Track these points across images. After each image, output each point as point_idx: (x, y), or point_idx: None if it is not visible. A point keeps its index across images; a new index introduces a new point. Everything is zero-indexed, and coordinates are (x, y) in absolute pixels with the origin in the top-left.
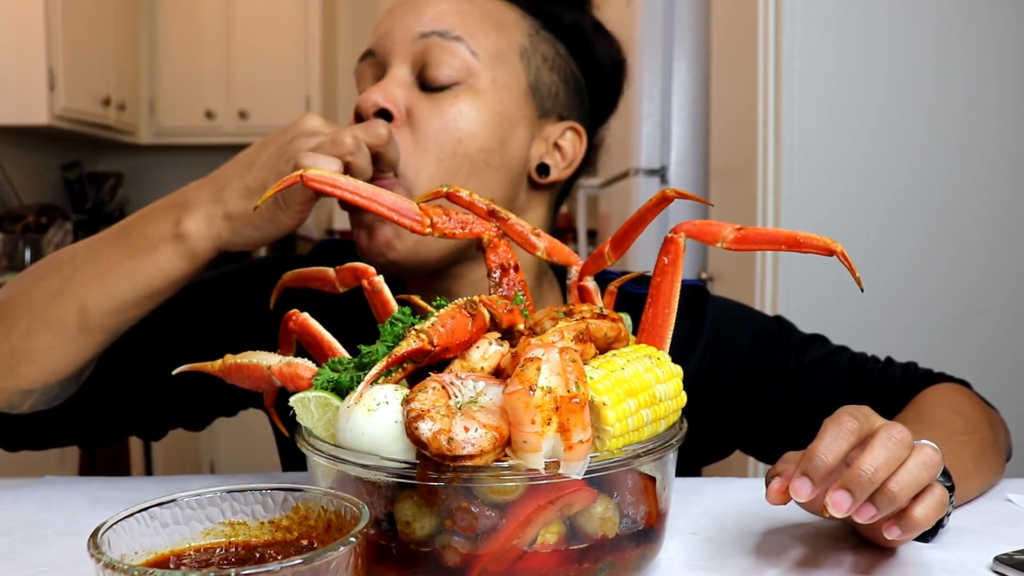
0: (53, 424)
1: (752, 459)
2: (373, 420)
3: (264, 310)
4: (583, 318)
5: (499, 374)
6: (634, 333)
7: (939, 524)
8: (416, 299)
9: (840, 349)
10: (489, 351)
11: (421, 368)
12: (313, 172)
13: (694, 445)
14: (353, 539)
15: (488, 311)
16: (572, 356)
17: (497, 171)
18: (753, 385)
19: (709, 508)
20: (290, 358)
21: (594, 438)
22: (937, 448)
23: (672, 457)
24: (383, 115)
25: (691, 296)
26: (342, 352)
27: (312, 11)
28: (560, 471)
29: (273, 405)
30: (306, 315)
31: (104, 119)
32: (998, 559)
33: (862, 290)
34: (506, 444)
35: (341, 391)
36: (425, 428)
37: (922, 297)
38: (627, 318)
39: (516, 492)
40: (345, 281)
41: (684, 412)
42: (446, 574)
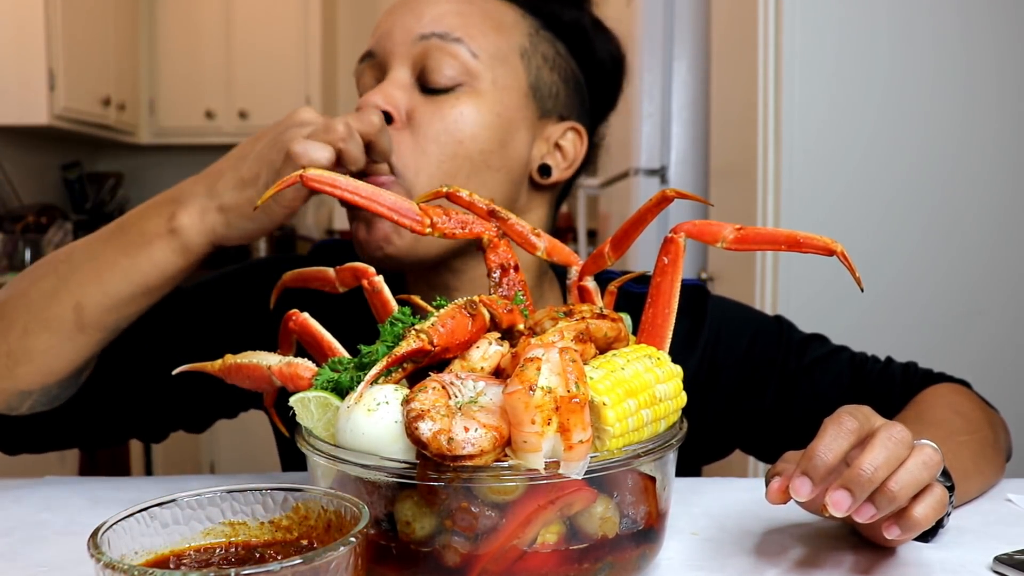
0: (53, 426)
1: (752, 459)
2: (373, 420)
3: (264, 310)
4: (583, 318)
5: (499, 374)
6: (634, 333)
7: (939, 524)
8: (416, 299)
9: (840, 349)
10: (489, 351)
11: (421, 368)
12: (313, 172)
13: (694, 445)
14: (353, 539)
15: (488, 311)
16: (572, 356)
17: (498, 172)
18: (753, 385)
19: (709, 508)
20: (290, 358)
21: (594, 438)
22: (937, 448)
23: (672, 457)
24: (384, 118)
25: (691, 296)
26: (342, 352)
27: (312, 11)
28: (560, 471)
29: (273, 405)
30: (306, 315)
31: (104, 119)
32: (998, 559)
33: (862, 290)
34: (506, 444)
35: (341, 391)
36: (425, 428)
37: (922, 297)
38: (627, 318)
39: (516, 492)
40: (345, 281)
41: (684, 412)
42: (446, 574)
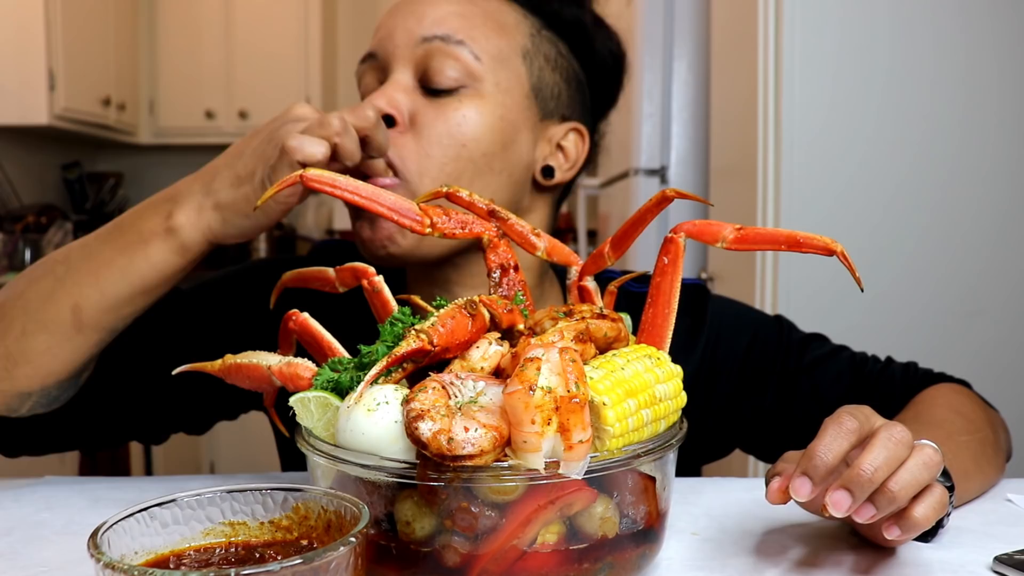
0: (53, 428)
1: (752, 459)
2: (373, 420)
3: (264, 311)
4: (583, 318)
5: (499, 374)
6: (634, 333)
7: (939, 524)
8: (416, 299)
9: (840, 348)
10: (489, 351)
11: (421, 368)
12: (313, 172)
13: (694, 444)
14: (353, 539)
15: (488, 311)
16: (572, 356)
17: (501, 175)
18: (753, 384)
19: (709, 508)
20: (290, 358)
21: (594, 438)
22: (937, 448)
23: (672, 457)
24: (386, 121)
25: (691, 295)
26: (342, 352)
27: (312, 11)
28: (560, 471)
29: (273, 405)
30: (306, 315)
31: (104, 119)
32: (998, 559)
33: (862, 290)
34: (506, 444)
35: (341, 391)
36: (425, 428)
37: (922, 297)
38: (627, 318)
39: (516, 492)
40: (345, 281)
41: (684, 411)
42: (446, 574)
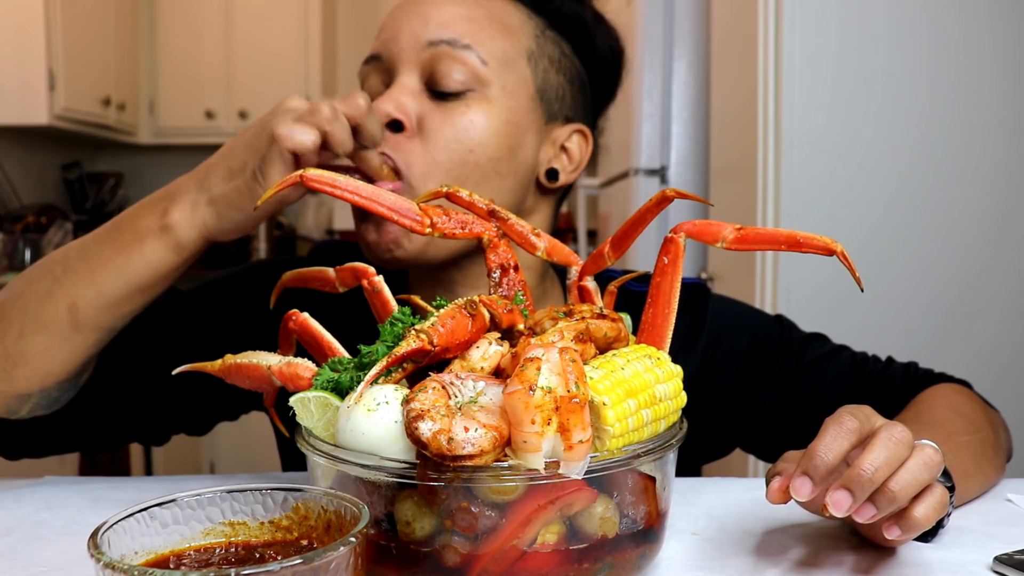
0: (54, 430)
1: (752, 459)
2: (373, 420)
3: (264, 312)
4: (583, 318)
5: (499, 374)
6: (634, 332)
7: (939, 524)
8: (416, 299)
9: (840, 348)
10: (489, 351)
11: (421, 368)
12: (312, 172)
13: (694, 444)
14: (353, 539)
15: (488, 311)
16: (572, 356)
17: (506, 179)
18: (753, 384)
19: (709, 508)
20: (290, 358)
21: (594, 438)
22: (938, 448)
23: (672, 457)
24: (394, 125)
25: (691, 294)
26: (342, 352)
27: (312, 11)
28: (560, 471)
29: (273, 405)
30: (306, 315)
31: (104, 119)
32: (998, 559)
33: (862, 290)
34: (506, 444)
35: (341, 391)
36: (425, 428)
37: (922, 297)
38: (627, 318)
39: (516, 492)
40: (345, 281)
41: (684, 411)
42: (446, 574)
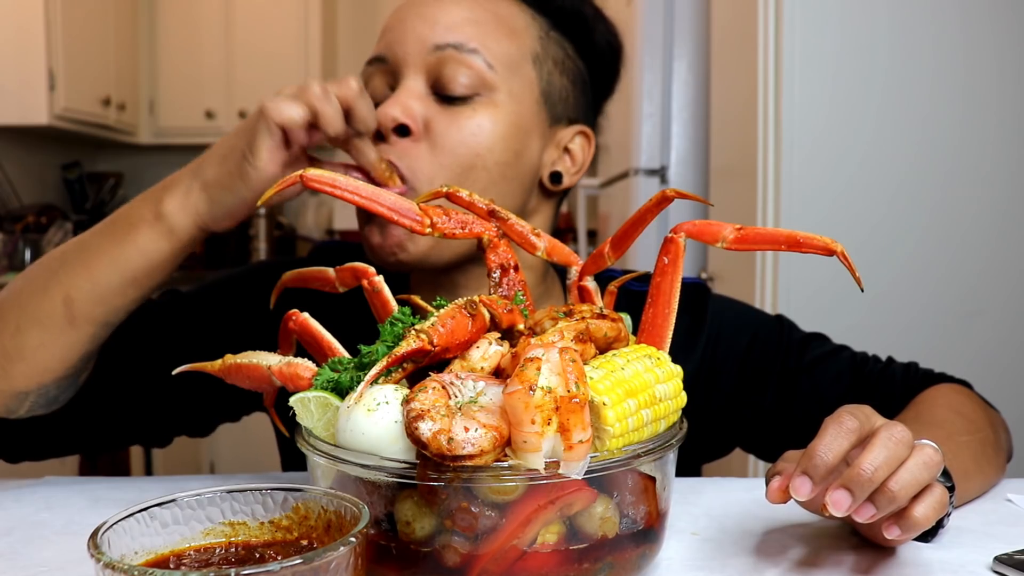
0: (54, 432)
1: (752, 459)
2: (373, 420)
3: (265, 314)
4: (583, 318)
5: (499, 374)
6: (634, 332)
7: (939, 524)
8: (416, 299)
9: (841, 348)
10: (489, 351)
11: (421, 368)
12: (312, 172)
13: (694, 444)
14: (353, 539)
15: (488, 311)
16: (572, 356)
17: (512, 182)
18: (753, 383)
19: (709, 508)
20: (290, 358)
21: (594, 438)
22: (937, 448)
23: (672, 457)
24: (400, 130)
25: (692, 294)
26: (342, 352)
27: (312, 11)
28: (560, 471)
29: (273, 405)
30: (306, 315)
31: (104, 119)
32: (998, 559)
33: (862, 290)
34: (506, 444)
35: (341, 391)
36: (425, 428)
37: (922, 297)
38: (627, 318)
39: (516, 492)
40: (345, 281)
41: (684, 410)
42: (446, 574)
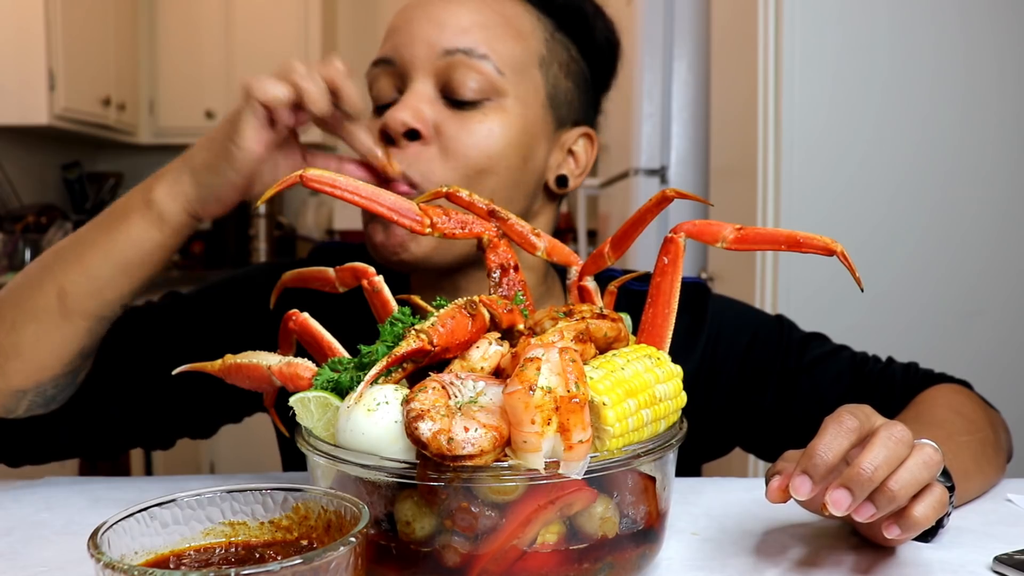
0: (56, 435)
1: (752, 459)
2: (373, 420)
3: (265, 316)
4: (583, 318)
5: (499, 374)
6: (634, 332)
7: (939, 524)
8: (416, 299)
9: (840, 348)
10: (489, 351)
11: (421, 368)
12: (312, 172)
13: (694, 444)
14: (353, 539)
15: (488, 311)
16: (572, 356)
17: (519, 186)
18: (753, 383)
19: (709, 508)
20: (290, 358)
21: (594, 438)
22: (937, 447)
23: (672, 457)
24: (411, 134)
25: (691, 293)
26: (342, 352)
27: (312, 11)
28: (560, 471)
29: (273, 405)
30: (306, 315)
31: (104, 119)
32: (998, 559)
33: (862, 290)
34: (506, 444)
35: (341, 391)
36: (425, 428)
37: (922, 297)
38: (627, 318)
39: (516, 492)
40: (345, 281)
41: (684, 410)
42: (446, 574)
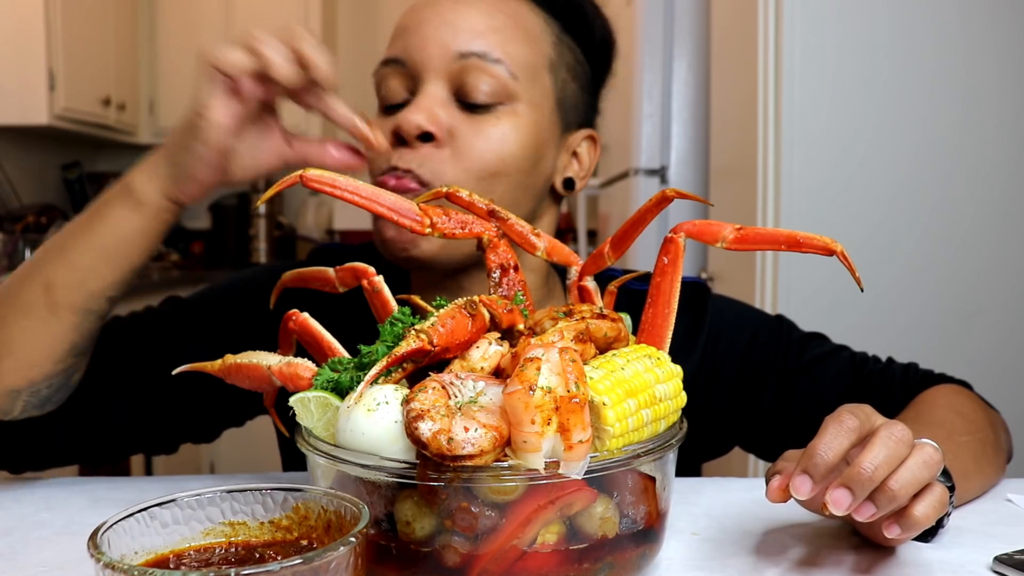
0: (57, 441)
1: (752, 459)
2: (373, 420)
3: (265, 320)
4: (583, 318)
5: (499, 374)
6: (634, 331)
7: (939, 524)
8: (416, 299)
9: (840, 348)
10: (489, 351)
11: (421, 368)
12: (312, 172)
13: (694, 444)
14: (353, 539)
15: (488, 311)
16: (572, 356)
17: (528, 189)
18: (753, 383)
19: (709, 508)
20: (290, 358)
21: (594, 438)
22: (938, 447)
23: (672, 457)
24: (424, 136)
25: (691, 293)
26: (342, 352)
27: (312, 11)
28: (560, 471)
29: (273, 405)
30: (306, 315)
31: (104, 119)
32: (998, 559)
33: (862, 290)
34: (506, 444)
35: (341, 391)
36: (425, 428)
37: (922, 297)
38: (627, 318)
39: (516, 492)
40: (345, 281)
41: (684, 410)
42: (446, 574)
